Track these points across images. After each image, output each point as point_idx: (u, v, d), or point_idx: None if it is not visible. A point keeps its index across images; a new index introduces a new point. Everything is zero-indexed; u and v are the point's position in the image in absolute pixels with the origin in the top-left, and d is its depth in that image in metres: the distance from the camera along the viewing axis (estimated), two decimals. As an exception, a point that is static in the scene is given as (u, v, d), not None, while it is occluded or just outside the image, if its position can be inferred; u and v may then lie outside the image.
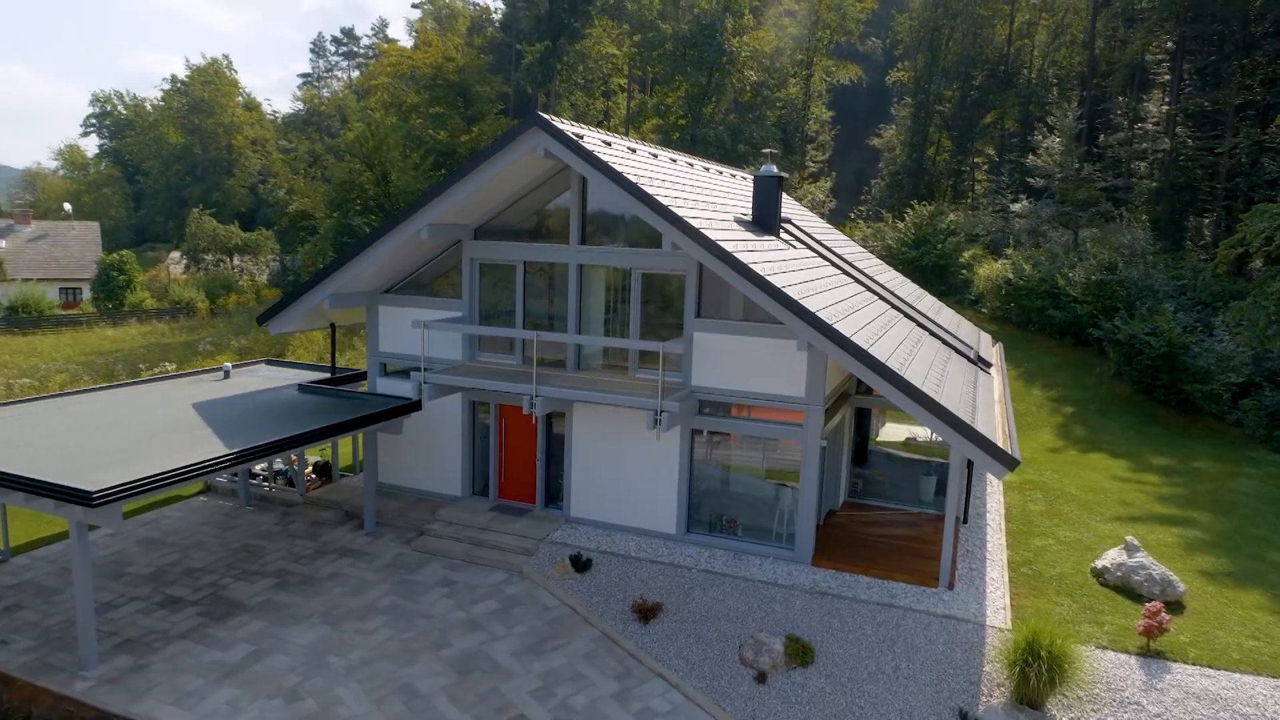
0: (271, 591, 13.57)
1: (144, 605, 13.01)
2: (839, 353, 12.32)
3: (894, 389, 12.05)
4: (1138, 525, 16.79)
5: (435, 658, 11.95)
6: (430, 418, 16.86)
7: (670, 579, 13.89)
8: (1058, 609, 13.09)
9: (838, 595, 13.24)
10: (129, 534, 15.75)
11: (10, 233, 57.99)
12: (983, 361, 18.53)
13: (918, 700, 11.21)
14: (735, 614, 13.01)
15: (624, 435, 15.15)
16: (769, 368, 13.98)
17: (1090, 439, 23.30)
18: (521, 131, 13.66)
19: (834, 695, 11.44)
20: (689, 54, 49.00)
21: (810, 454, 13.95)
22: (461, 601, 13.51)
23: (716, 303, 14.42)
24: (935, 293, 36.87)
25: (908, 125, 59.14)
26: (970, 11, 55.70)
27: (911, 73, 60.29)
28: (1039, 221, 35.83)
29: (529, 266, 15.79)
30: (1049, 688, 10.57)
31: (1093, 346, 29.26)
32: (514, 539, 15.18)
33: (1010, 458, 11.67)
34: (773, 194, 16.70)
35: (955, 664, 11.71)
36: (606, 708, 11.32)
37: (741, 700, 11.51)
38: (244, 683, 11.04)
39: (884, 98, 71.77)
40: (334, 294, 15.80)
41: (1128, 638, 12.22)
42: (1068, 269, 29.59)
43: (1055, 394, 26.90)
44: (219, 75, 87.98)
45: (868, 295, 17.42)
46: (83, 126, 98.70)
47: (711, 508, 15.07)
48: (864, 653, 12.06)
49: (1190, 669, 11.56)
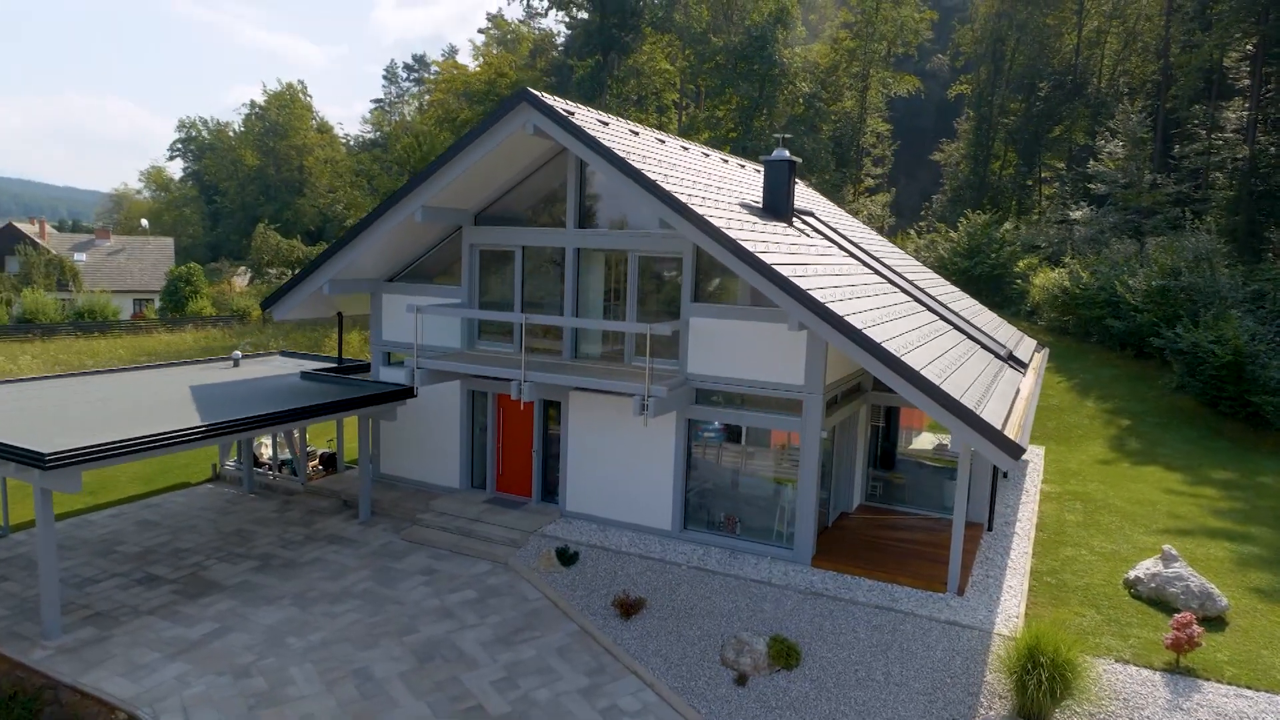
0: (251, 573, 13.35)
1: (123, 581, 12.92)
2: (827, 329, 11.52)
3: (880, 364, 11.17)
4: (1186, 538, 15.32)
5: (398, 643, 11.48)
6: (430, 410, 16.56)
7: (658, 575, 13.17)
8: (1079, 620, 11.88)
9: (834, 597, 12.30)
10: (129, 516, 15.82)
11: (90, 247, 60.99)
12: (1015, 360, 17.31)
13: (908, 709, 10.22)
14: (721, 612, 12.20)
15: (619, 428, 14.55)
16: (767, 354, 13.22)
17: (1146, 452, 21.63)
18: (511, 108, 13.33)
19: (817, 701, 10.53)
20: (740, 67, 48.58)
21: (809, 446, 13.09)
22: (438, 590, 13.04)
23: (715, 287, 13.76)
24: (989, 304, 35.27)
25: (970, 139, 57.36)
26: (1035, 21, 53.87)
27: (974, 85, 58.55)
28: (1101, 230, 33.91)
29: (529, 252, 15.42)
30: (1052, 701, 9.47)
31: (1155, 358, 27.37)
32: (503, 531, 14.68)
33: (1013, 445, 10.63)
34: (784, 180, 15.99)
35: (954, 672, 10.67)
36: (571, 703, 10.65)
37: (717, 702, 10.70)
38: (198, 658, 10.75)
39: (951, 114, 69.96)
40: (334, 279, 15.68)
41: (1154, 652, 10.97)
42: (1128, 276, 27.80)
43: (1110, 406, 25.17)
44: (294, 100, 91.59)
45: (886, 286, 16.47)
46: (169, 151, 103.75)
47: (709, 504, 14.30)
48: (854, 657, 11.10)
49: (1224, 689, 10.27)
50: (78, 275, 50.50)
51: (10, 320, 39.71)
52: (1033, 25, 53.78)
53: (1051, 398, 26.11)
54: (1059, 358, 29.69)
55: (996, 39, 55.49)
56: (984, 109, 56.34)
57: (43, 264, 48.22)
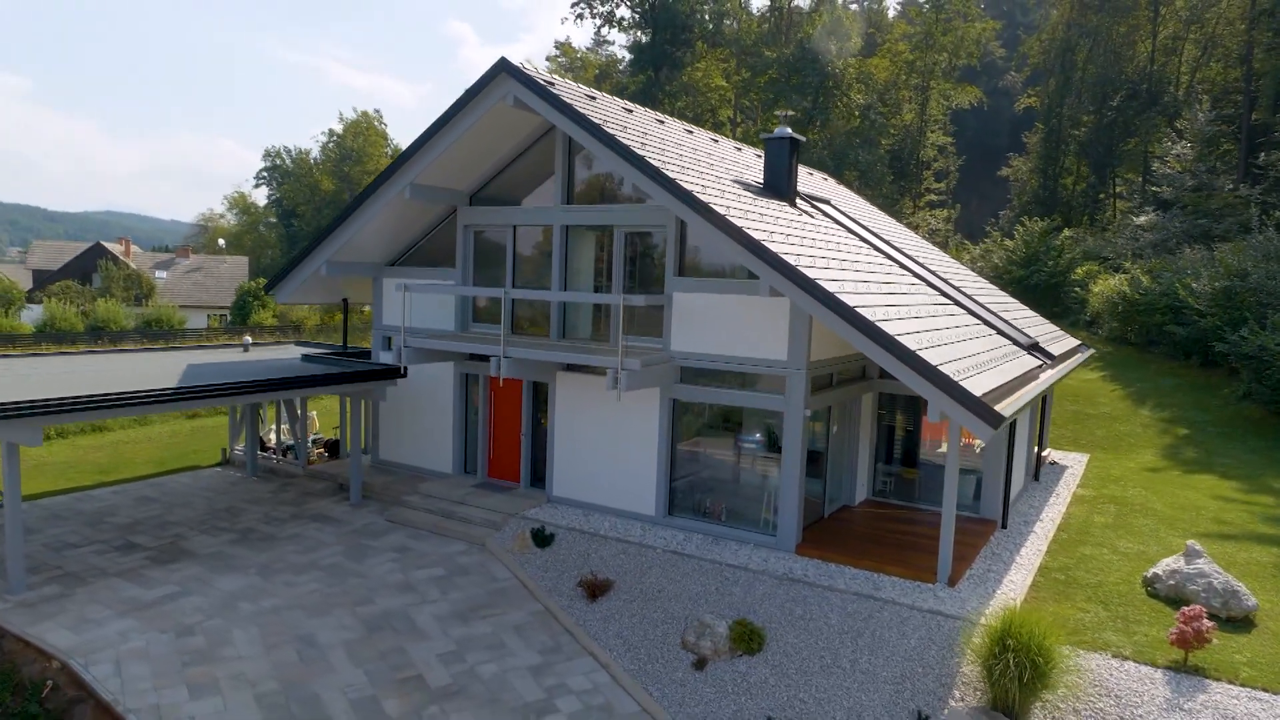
0: (227, 545, 13.33)
1: (101, 548, 13.05)
2: (793, 289, 10.88)
3: (846, 323, 10.48)
4: (1228, 542, 13.89)
5: (351, 614, 11.20)
6: (424, 396, 16.44)
7: (632, 558, 12.59)
8: (1081, 615, 10.78)
9: (811, 583, 11.49)
10: (131, 493, 16.10)
11: (171, 265, 64.11)
12: (1041, 351, 16.16)
13: (872, 698, 9.38)
14: (689, 596, 11.54)
15: (605, 411, 14.10)
16: (751, 329, 12.62)
17: (1202, 461, 19.93)
18: (491, 78, 13.20)
19: (776, 687, 9.79)
20: (793, 80, 48.06)
21: (793, 425, 12.38)
22: (405, 566, 12.75)
23: (699, 260, 13.26)
24: (1046, 314, 33.53)
25: (1039, 152, 55.25)
26: (1107, 28, 51.75)
27: (1043, 98, 56.50)
28: (1168, 235, 31.86)
29: (522, 234, 15.21)
30: (1022, 690, 8.51)
31: (1222, 367, 25.38)
32: (484, 513, 14.34)
33: (991, 412, 9.74)
34: (785, 158, 15.41)
35: (928, 662, 9.76)
36: (517, 679, 10.17)
37: (672, 686, 10.06)
38: (147, 617, 10.67)
39: (1026, 130, 67.63)
40: (331, 261, 15.77)
41: (1160, 650, 9.83)
42: (1191, 279, 25.94)
43: (1168, 415, 23.38)
44: (369, 128, 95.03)
45: (894, 269, 15.64)
46: (254, 179, 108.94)
47: (696, 491, 13.67)
48: (821, 643, 10.30)
49: (1235, 690, 9.08)
50: (154, 289, 52.97)
51: (84, 327, 41.80)
52: (1104, 33, 51.67)
53: (1102, 405, 24.46)
54: (1116, 366, 27.88)
55: (1065, 48, 53.51)
56: (1053, 121, 54.24)
57: (121, 278, 50.80)
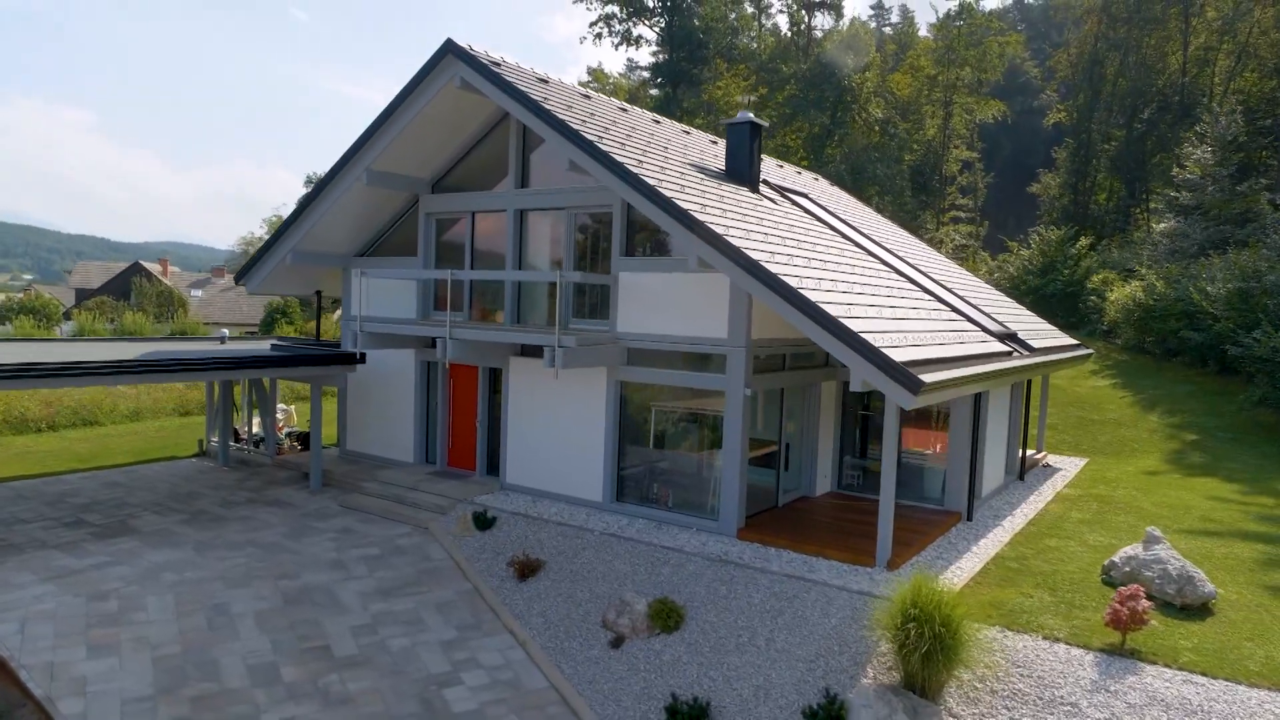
0: (174, 524, 13.36)
1: (51, 524, 13.17)
2: (715, 255, 10.63)
3: (759, 283, 10.26)
4: (1211, 538, 13.10)
5: (273, 587, 11.10)
6: (387, 386, 16.43)
7: (569, 540, 12.30)
8: (1024, 600, 10.19)
9: (743, 565, 11.07)
10: (101, 478, 16.29)
11: (206, 284, 65.87)
12: (1015, 340, 15.56)
13: (783, 675, 8.96)
14: (617, 576, 11.22)
15: (556, 398, 13.90)
16: (694, 308, 12.36)
17: (1208, 465, 18.97)
18: (439, 60, 13.27)
19: (688, 664, 9.42)
20: (811, 95, 47.86)
21: (734, 404, 12.03)
22: (342, 546, 12.63)
23: (645, 240, 13.08)
24: (1062, 324, 32.52)
25: (1068, 167, 54.04)
26: (1136, 39, 50.66)
27: (1071, 112, 55.39)
28: (1190, 243, 30.72)
29: (481, 220, 15.20)
30: (925, 666, 8.02)
31: (1241, 374, 24.22)
32: (434, 498, 14.20)
33: (909, 375, 9.31)
34: (746, 144, 15.19)
35: (847, 640, 9.29)
36: (426, 652, 9.96)
37: (586, 663, 9.77)
38: (68, 584, 10.69)
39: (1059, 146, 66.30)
40: (297, 250, 15.92)
41: (1098, 633, 9.23)
42: (1205, 282, 24.90)
43: (1178, 421, 22.35)
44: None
45: (862, 256, 15.25)
46: (295, 204, 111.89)
47: (643, 477, 13.36)
48: (741, 622, 9.89)
49: (1169, 673, 8.45)
50: (185, 305, 54.37)
51: (109, 335, 42.98)
52: (1134, 45, 50.58)
53: (1109, 412, 23.50)
54: (1130, 374, 26.83)
55: (1094, 61, 52.48)
56: (1082, 136, 53.07)
57: (154, 295, 52.25)
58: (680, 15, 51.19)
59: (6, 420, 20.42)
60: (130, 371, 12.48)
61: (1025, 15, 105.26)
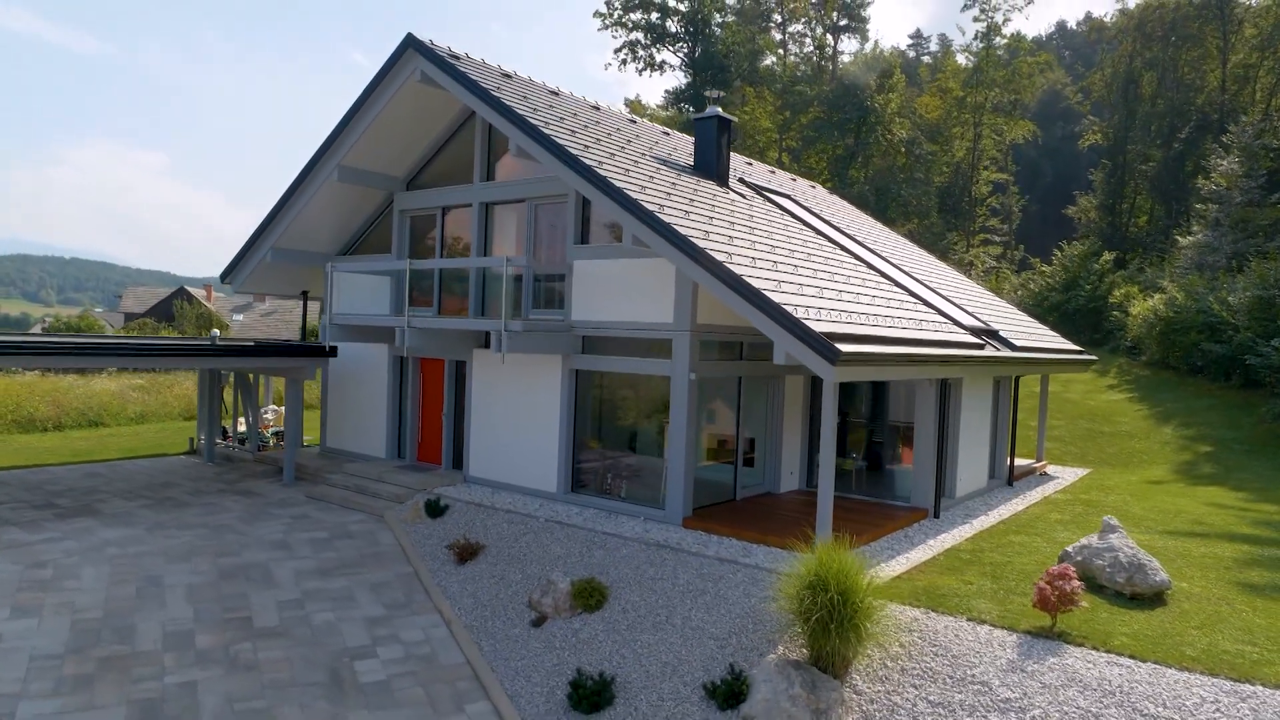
0: (138, 509, 13.60)
1: (20, 506, 13.50)
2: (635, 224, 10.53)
3: (680, 252, 10.14)
4: (1195, 539, 12.41)
5: (211, 563, 11.18)
6: (362, 382, 16.60)
7: (514, 526, 12.19)
8: (963, 587, 9.75)
9: (678, 549, 10.81)
10: (85, 470, 16.69)
11: (248, 309, 67.79)
12: (993, 336, 15.08)
13: (693, 653, 8.69)
14: (551, 558, 11.06)
15: (515, 390, 13.89)
16: (642, 295, 12.28)
17: (1217, 476, 18.08)
18: (400, 55, 13.55)
19: (603, 643, 9.21)
20: (834, 117, 47.76)
21: (679, 389, 11.86)
22: (292, 530, 12.70)
23: (597, 228, 13.08)
24: (1085, 341, 31.58)
25: (1104, 188, 52.81)
26: (1173, 58, 49.59)
27: (1107, 133, 54.25)
28: (1218, 256, 29.63)
29: (452, 216, 15.39)
30: (828, 638, 7.68)
31: (1265, 387, 23.16)
32: (395, 489, 14.22)
33: (826, 344, 9.05)
34: (712, 137, 15.16)
35: (761, 619, 8.98)
36: (348, 627, 9.91)
37: (505, 641, 9.64)
38: (12, 555, 10.92)
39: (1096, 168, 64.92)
40: (277, 248, 16.28)
41: (1028, 617, 8.76)
42: (1226, 293, 23.93)
43: (1192, 433, 21.39)
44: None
45: (836, 251, 15.01)
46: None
47: (597, 468, 13.22)
48: (660, 601, 9.65)
49: (1094, 655, 7.96)
50: (226, 327, 55.97)
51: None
52: (1170, 61, 49.50)
53: (1121, 424, 22.60)
54: (1149, 388, 25.82)
55: (1129, 81, 51.46)
56: (1118, 157, 51.90)
57: (194, 316, 53.93)
58: (702, 41, 51.72)
59: (15, 420, 21.13)
60: (101, 353, 12.82)
61: (1069, 43, 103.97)
